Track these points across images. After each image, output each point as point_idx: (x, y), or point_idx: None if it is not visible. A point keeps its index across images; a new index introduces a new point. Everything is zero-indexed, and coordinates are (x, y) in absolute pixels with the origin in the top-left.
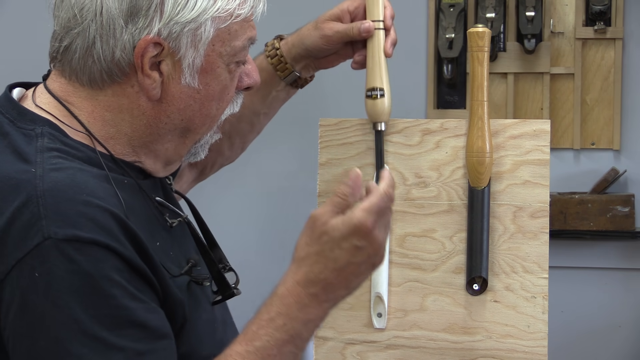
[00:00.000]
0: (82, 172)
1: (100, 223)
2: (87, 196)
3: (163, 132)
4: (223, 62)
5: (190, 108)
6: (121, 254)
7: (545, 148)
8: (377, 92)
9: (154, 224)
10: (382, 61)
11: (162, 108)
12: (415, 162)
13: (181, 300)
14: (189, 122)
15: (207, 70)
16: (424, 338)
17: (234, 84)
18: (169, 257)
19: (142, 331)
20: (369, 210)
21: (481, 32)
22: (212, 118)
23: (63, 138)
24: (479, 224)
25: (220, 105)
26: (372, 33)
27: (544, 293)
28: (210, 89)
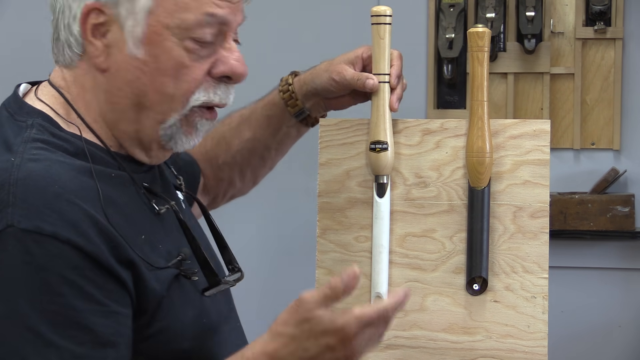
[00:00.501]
0: (59, 164)
1: (66, 217)
2: (58, 188)
3: (121, 109)
4: (173, 35)
5: (140, 81)
6: (84, 249)
7: (545, 148)
8: (381, 145)
9: (142, 217)
10: (387, 115)
11: (113, 80)
12: (415, 162)
13: (159, 295)
14: (142, 97)
15: (153, 41)
16: (424, 338)
17: (201, 66)
18: (157, 250)
19: (86, 335)
20: (359, 320)
21: (481, 32)
22: (170, 97)
23: (53, 129)
24: (479, 224)
25: (178, 84)
26: (376, 89)
27: (544, 293)
28: (160, 63)
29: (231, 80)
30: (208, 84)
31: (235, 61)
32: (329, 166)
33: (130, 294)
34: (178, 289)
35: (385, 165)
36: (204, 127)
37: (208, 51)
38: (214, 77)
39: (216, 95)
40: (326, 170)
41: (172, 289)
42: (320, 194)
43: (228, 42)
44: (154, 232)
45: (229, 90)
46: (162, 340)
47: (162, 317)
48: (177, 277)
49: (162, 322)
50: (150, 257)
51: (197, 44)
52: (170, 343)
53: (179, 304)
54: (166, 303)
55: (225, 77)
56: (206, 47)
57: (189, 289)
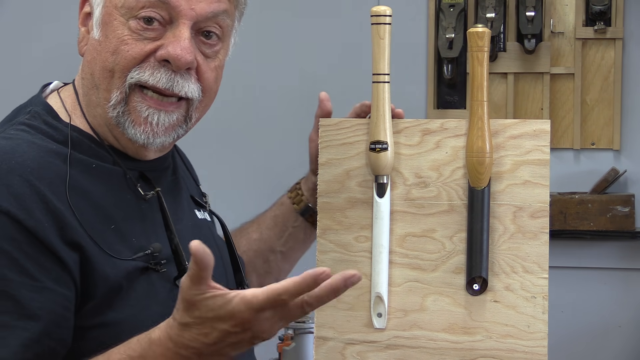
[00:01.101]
0: (29, 144)
1: (12, 190)
2: (15, 164)
3: (86, 91)
4: (120, 14)
5: (94, 61)
6: (23, 223)
7: (545, 148)
8: (381, 145)
9: (120, 210)
10: (387, 114)
11: (83, 64)
12: (415, 162)
13: (114, 283)
14: (94, 77)
15: (106, 21)
16: (424, 338)
17: (142, 46)
18: (127, 242)
19: (12, 305)
20: (248, 305)
21: (481, 32)
22: (110, 72)
23: (47, 117)
24: (479, 224)
25: (117, 60)
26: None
27: (544, 293)
28: (107, 41)
29: (170, 65)
30: (147, 65)
31: (176, 46)
32: (329, 166)
33: (72, 276)
34: (145, 283)
35: (385, 165)
36: (154, 118)
37: (154, 34)
38: (157, 60)
39: (153, 77)
40: (326, 170)
41: (137, 282)
42: (320, 194)
43: (179, 28)
44: (130, 226)
45: (173, 79)
46: (119, 330)
47: (120, 307)
48: (146, 272)
49: (120, 313)
50: (112, 246)
51: (141, 24)
52: (129, 334)
53: (143, 297)
54: (127, 294)
55: (167, 62)
56: (152, 30)
57: (159, 285)
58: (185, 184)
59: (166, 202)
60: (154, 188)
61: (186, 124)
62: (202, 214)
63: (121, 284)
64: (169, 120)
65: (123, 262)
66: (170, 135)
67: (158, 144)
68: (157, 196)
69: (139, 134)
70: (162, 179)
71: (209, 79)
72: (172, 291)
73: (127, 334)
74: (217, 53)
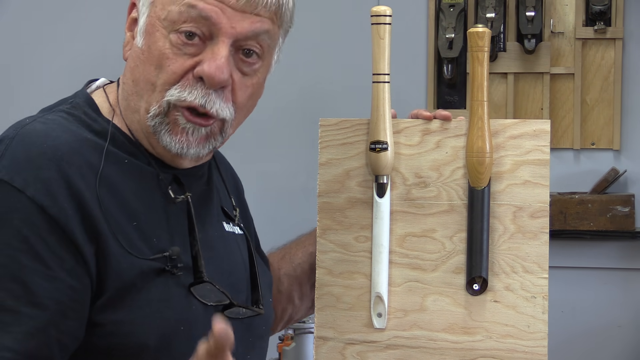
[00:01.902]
0: (64, 129)
1: (40, 175)
2: (46, 147)
3: (127, 95)
4: (163, 27)
5: (138, 69)
6: (46, 210)
7: (545, 148)
8: (381, 145)
9: (146, 209)
10: (387, 114)
11: (125, 68)
12: (415, 162)
13: (127, 280)
14: (137, 85)
15: (149, 32)
16: (424, 338)
17: (182, 62)
18: (148, 242)
19: (21, 290)
20: None
21: (481, 32)
22: (152, 85)
23: (88, 110)
24: (479, 224)
25: (160, 74)
26: None
27: (544, 293)
28: (150, 52)
29: (204, 83)
30: (186, 82)
31: (212, 64)
32: (329, 166)
33: (88, 268)
34: (160, 286)
35: (385, 165)
36: (190, 129)
37: (194, 49)
38: (194, 77)
39: (190, 95)
40: (326, 170)
41: (153, 283)
42: (320, 194)
43: (217, 46)
44: (153, 226)
45: (208, 94)
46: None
47: (131, 307)
48: (162, 274)
49: (131, 313)
50: (132, 243)
51: (181, 39)
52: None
53: (157, 300)
54: (140, 294)
55: (202, 80)
56: (192, 45)
57: (175, 291)
58: (218, 195)
59: (195, 209)
60: (186, 192)
61: (222, 137)
62: (231, 227)
63: (135, 282)
64: (203, 132)
65: (139, 260)
66: (205, 147)
67: (192, 154)
68: (186, 201)
69: (174, 143)
70: (194, 186)
71: (242, 97)
72: (186, 297)
73: (136, 335)
74: (256, 71)
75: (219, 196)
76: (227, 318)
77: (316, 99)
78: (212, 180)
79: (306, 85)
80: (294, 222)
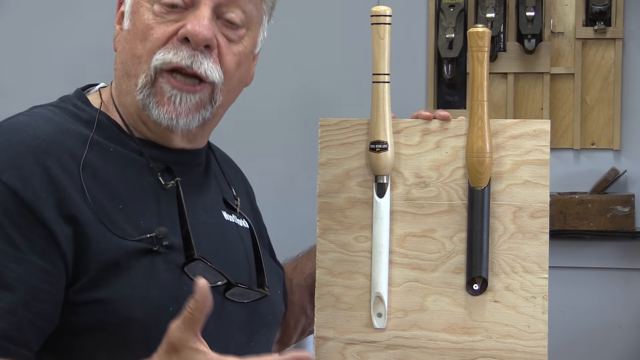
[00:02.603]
0: (47, 120)
1: (16, 161)
2: (25, 136)
3: (118, 81)
4: (146, 1)
5: (124, 50)
6: (19, 194)
7: (545, 148)
8: (381, 145)
9: (131, 192)
10: (387, 115)
11: (116, 57)
12: (415, 162)
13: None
14: (125, 65)
15: (134, 10)
16: (424, 338)
17: (166, 28)
18: (134, 223)
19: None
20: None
21: (481, 32)
22: (138, 58)
23: (77, 101)
24: (479, 224)
25: (144, 45)
26: None
27: (544, 293)
28: (135, 29)
29: (190, 44)
30: (170, 45)
31: (195, 23)
32: (329, 166)
33: (61, 250)
34: (146, 265)
35: (385, 165)
36: (177, 98)
37: (177, 16)
38: (178, 40)
39: (176, 56)
40: (326, 170)
41: (138, 263)
42: (320, 194)
43: (199, 9)
44: (141, 209)
45: (195, 55)
46: (113, 308)
47: (115, 286)
48: (149, 254)
49: (115, 292)
50: (116, 224)
51: (164, 7)
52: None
53: (143, 278)
54: (125, 273)
55: (188, 41)
56: (174, 12)
57: (162, 269)
58: (218, 185)
59: (188, 195)
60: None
61: (212, 106)
62: (232, 218)
63: (119, 262)
64: (192, 100)
65: (124, 241)
66: (195, 117)
67: (182, 125)
68: (176, 186)
69: (163, 114)
70: (188, 173)
71: (229, 62)
72: (179, 277)
73: (120, 313)
74: (241, 38)
75: (219, 186)
76: (229, 301)
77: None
78: (210, 171)
79: (306, 85)
80: (293, 222)
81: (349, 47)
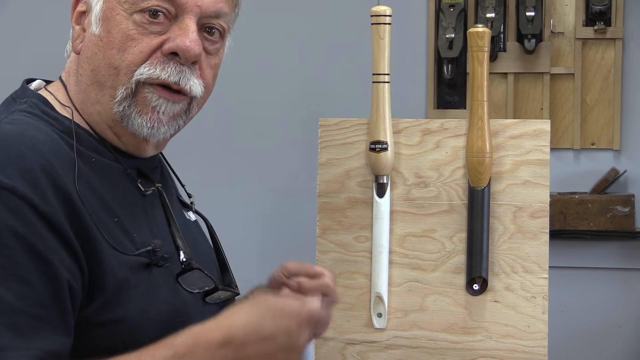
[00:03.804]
0: (36, 129)
1: (26, 174)
2: (26, 148)
3: (84, 87)
4: (123, 9)
5: (96, 57)
6: (38, 208)
7: (545, 148)
8: (381, 145)
9: (121, 204)
10: (387, 115)
11: (80, 60)
12: (415, 162)
13: (121, 276)
14: (97, 73)
15: (108, 16)
16: (424, 338)
17: (149, 41)
18: (129, 237)
19: (27, 289)
20: (316, 311)
21: (481, 32)
22: (116, 68)
23: (44, 108)
24: (479, 224)
25: (123, 56)
26: None
27: (544, 293)
28: (111, 37)
29: (180, 58)
30: (156, 60)
31: (185, 38)
32: (329, 166)
33: (81, 266)
34: (148, 279)
35: (385, 165)
36: (161, 106)
37: (160, 28)
38: (164, 54)
39: (164, 72)
40: (326, 170)
41: (141, 277)
42: (320, 194)
43: (185, 22)
44: (132, 220)
45: (182, 71)
46: (127, 327)
47: (126, 303)
48: (148, 268)
49: (127, 309)
50: (117, 239)
51: (146, 18)
52: (135, 332)
53: (147, 293)
54: (132, 290)
55: (175, 55)
56: (158, 23)
57: (162, 281)
58: (173, 185)
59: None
60: (153, 185)
61: (186, 116)
62: (188, 215)
63: (127, 278)
64: (173, 110)
65: (126, 256)
66: (172, 126)
67: (161, 134)
68: (158, 192)
69: (145, 122)
70: (155, 178)
71: (208, 76)
72: (175, 288)
73: (134, 331)
74: (218, 51)
75: (174, 186)
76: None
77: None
78: (164, 171)
79: (306, 85)
80: (294, 222)
81: (349, 47)
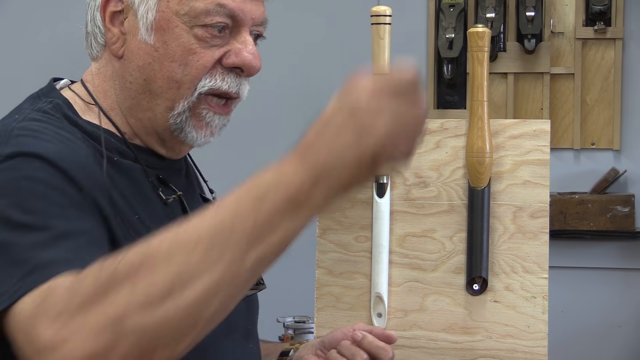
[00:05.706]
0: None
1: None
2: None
3: (133, 95)
4: (182, 22)
5: (150, 67)
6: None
7: (545, 148)
8: None
9: (142, 204)
10: None
11: (125, 66)
12: (415, 162)
13: None
14: (152, 83)
15: (163, 27)
16: (424, 338)
17: (211, 54)
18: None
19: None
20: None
21: (481, 32)
22: (178, 82)
23: (67, 111)
24: (479, 224)
25: (186, 70)
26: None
27: (544, 293)
28: (169, 49)
29: (242, 72)
30: (216, 72)
31: (247, 53)
32: None
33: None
34: None
35: None
36: (214, 121)
37: (220, 41)
38: (224, 67)
39: (224, 82)
40: None
41: None
42: None
43: (243, 35)
44: (152, 220)
45: (240, 82)
46: None
47: None
48: None
49: None
50: (138, 232)
51: (207, 32)
52: None
53: None
54: None
55: (237, 69)
56: (218, 37)
57: None
58: (198, 185)
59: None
60: (174, 192)
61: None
62: None
63: None
64: (225, 121)
65: None
66: (221, 132)
67: (210, 141)
68: (179, 201)
69: (200, 137)
70: (176, 182)
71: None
72: None
73: None
74: None
75: (198, 185)
76: None
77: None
78: (190, 172)
79: (306, 85)
80: None
81: (349, 47)
